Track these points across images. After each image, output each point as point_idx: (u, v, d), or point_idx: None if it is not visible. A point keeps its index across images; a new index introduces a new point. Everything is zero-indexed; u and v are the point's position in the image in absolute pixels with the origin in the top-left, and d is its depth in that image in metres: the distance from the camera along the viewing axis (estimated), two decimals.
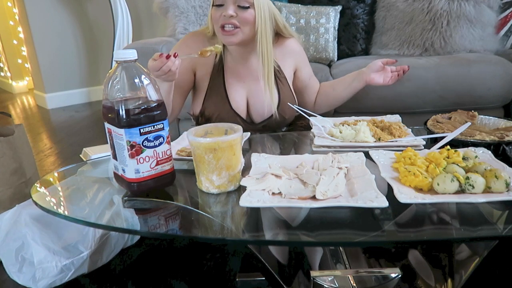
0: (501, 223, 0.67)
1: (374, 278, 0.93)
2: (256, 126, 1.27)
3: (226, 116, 1.22)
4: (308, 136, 1.14)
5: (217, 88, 1.23)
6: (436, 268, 0.97)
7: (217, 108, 1.23)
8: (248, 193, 0.72)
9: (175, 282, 1.09)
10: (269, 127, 1.29)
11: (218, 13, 1.10)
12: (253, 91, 1.25)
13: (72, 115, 3.13)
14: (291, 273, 0.94)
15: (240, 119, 1.24)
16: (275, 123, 1.28)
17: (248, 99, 1.26)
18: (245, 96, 1.26)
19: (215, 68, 1.24)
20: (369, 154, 0.90)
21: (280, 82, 1.28)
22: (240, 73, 1.25)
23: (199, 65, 1.25)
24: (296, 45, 1.33)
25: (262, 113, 1.26)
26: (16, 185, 1.34)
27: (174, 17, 2.04)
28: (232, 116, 1.23)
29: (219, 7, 1.10)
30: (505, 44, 1.99)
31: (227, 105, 1.23)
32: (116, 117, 0.75)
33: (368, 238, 0.64)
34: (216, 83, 1.23)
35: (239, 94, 1.24)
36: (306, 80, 1.38)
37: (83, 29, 3.43)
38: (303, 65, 1.36)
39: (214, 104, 1.23)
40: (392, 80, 1.28)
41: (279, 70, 1.28)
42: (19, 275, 1.09)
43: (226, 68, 1.24)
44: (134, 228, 0.74)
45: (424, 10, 1.90)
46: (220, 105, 1.23)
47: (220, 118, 1.22)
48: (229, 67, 1.25)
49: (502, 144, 0.93)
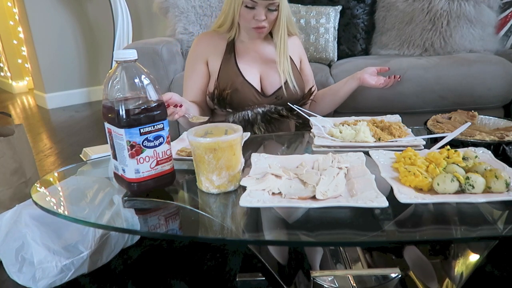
0: (501, 223, 0.67)
1: (374, 278, 0.93)
2: (269, 98, 1.31)
3: (239, 87, 1.27)
4: (308, 136, 1.14)
5: (229, 66, 1.29)
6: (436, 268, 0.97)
7: (230, 79, 1.27)
8: (248, 193, 0.72)
9: (175, 282, 1.09)
10: (282, 100, 1.32)
11: (250, 15, 1.22)
12: (264, 68, 1.33)
13: (72, 115, 3.13)
14: (291, 273, 0.94)
15: (254, 90, 1.29)
16: (287, 95, 1.32)
17: (261, 74, 1.33)
18: (258, 72, 1.33)
19: (227, 52, 1.31)
20: (369, 154, 0.90)
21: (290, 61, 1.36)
22: (251, 56, 1.33)
23: (211, 55, 1.32)
24: (299, 42, 1.45)
25: (274, 84, 1.32)
26: (16, 185, 1.34)
27: (174, 17, 2.04)
28: (246, 87, 1.28)
29: (251, 9, 1.21)
30: (505, 44, 1.99)
31: (240, 77, 1.28)
32: (116, 117, 0.75)
33: (368, 238, 0.64)
34: (228, 62, 1.30)
35: (251, 70, 1.31)
36: (308, 75, 1.47)
37: (83, 29, 3.43)
38: (305, 61, 1.47)
39: (227, 77, 1.28)
40: (383, 84, 1.35)
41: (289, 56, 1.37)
42: (19, 275, 1.09)
43: (237, 52, 1.32)
44: (134, 228, 0.74)
45: (424, 10, 1.90)
46: (234, 77, 1.28)
47: (234, 88, 1.26)
48: (241, 51, 1.32)
49: (502, 144, 0.93)
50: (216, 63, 1.31)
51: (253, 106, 1.29)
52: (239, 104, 1.28)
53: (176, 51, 1.94)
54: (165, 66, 1.82)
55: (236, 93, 1.26)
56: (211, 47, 1.32)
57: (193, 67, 1.33)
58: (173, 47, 1.92)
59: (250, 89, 1.29)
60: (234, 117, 1.29)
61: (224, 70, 1.29)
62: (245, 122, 1.28)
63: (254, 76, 1.31)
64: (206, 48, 1.32)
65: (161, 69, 1.82)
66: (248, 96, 1.28)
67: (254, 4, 1.20)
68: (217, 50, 1.32)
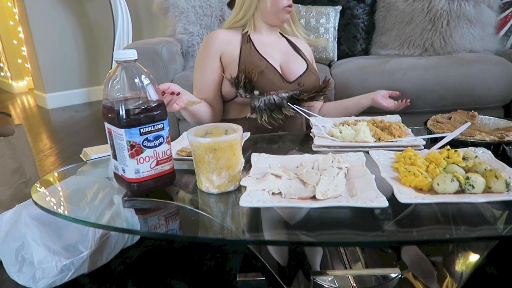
0: (501, 223, 0.67)
1: (374, 278, 0.93)
2: (292, 84, 1.32)
3: (265, 70, 1.27)
4: (308, 136, 1.14)
5: (251, 52, 1.30)
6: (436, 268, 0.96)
7: (254, 63, 1.27)
8: (248, 193, 0.72)
9: (175, 282, 1.09)
10: (305, 87, 1.34)
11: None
12: (283, 58, 1.36)
13: (72, 115, 3.13)
14: (291, 273, 0.94)
15: (279, 75, 1.30)
16: (309, 81, 1.35)
17: (281, 64, 1.35)
18: (278, 60, 1.34)
19: (244, 42, 1.33)
20: (369, 154, 0.90)
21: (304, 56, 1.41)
22: (270, 47, 1.35)
23: (226, 48, 1.32)
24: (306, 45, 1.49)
25: (296, 71, 1.34)
26: (16, 185, 1.34)
27: (174, 17, 2.04)
28: (272, 71, 1.28)
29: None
30: (505, 44, 1.99)
31: (264, 61, 1.29)
32: (116, 117, 0.75)
33: (368, 238, 0.64)
34: (249, 49, 1.31)
35: (272, 57, 1.33)
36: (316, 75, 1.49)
37: (83, 29, 3.44)
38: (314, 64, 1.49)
39: (251, 60, 1.28)
40: (395, 107, 1.37)
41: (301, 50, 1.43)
42: (19, 275, 1.09)
43: (255, 43, 1.33)
44: (134, 228, 0.74)
45: (424, 10, 1.90)
46: (257, 61, 1.28)
47: (259, 71, 1.26)
48: (258, 43, 1.34)
49: (502, 144, 0.93)
50: (234, 52, 1.31)
51: (278, 90, 1.28)
52: (265, 87, 1.26)
53: (176, 51, 1.94)
54: (165, 66, 1.82)
55: (262, 76, 1.26)
56: (226, 41, 1.32)
57: (205, 62, 1.32)
58: (173, 47, 1.92)
59: (275, 73, 1.29)
60: (260, 101, 1.27)
61: (245, 56, 1.29)
62: (272, 106, 1.27)
63: (276, 63, 1.32)
64: (220, 43, 1.31)
65: (161, 69, 1.82)
66: (273, 80, 1.27)
67: None
68: (233, 42, 1.32)
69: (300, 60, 1.38)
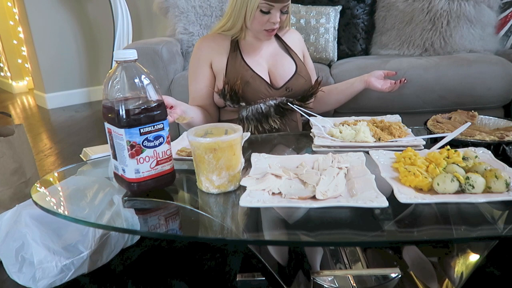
0: (501, 223, 0.67)
1: (374, 278, 0.92)
2: (280, 90, 1.31)
3: (250, 80, 1.26)
4: (308, 136, 1.14)
5: (237, 61, 1.30)
6: (436, 268, 0.96)
7: (239, 73, 1.27)
8: (248, 193, 0.72)
9: (175, 282, 1.09)
10: (293, 91, 1.32)
11: (265, 18, 1.22)
12: (271, 62, 1.34)
13: (72, 115, 3.13)
14: (291, 273, 0.94)
15: (265, 83, 1.29)
16: (298, 84, 1.33)
17: (269, 68, 1.34)
18: (266, 66, 1.33)
19: (232, 50, 1.31)
20: (369, 154, 0.90)
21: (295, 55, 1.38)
22: (258, 53, 1.34)
23: (215, 56, 1.31)
24: (299, 36, 1.46)
25: (284, 76, 1.32)
26: (16, 185, 1.34)
27: (174, 17, 2.04)
28: (257, 80, 1.28)
29: (265, 14, 1.22)
30: (505, 44, 1.99)
31: (249, 71, 1.28)
32: (116, 117, 0.75)
33: (368, 238, 0.64)
34: (235, 58, 1.30)
35: (259, 65, 1.32)
36: (311, 69, 1.47)
37: (83, 29, 3.43)
38: (307, 55, 1.48)
39: (236, 71, 1.28)
40: (389, 88, 1.35)
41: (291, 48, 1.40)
42: (19, 275, 1.09)
43: (243, 50, 1.32)
44: (134, 228, 0.74)
45: (424, 10, 1.90)
46: (243, 71, 1.28)
47: (245, 81, 1.26)
48: (246, 49, 1.33)
49: (502, 144, 0.93)
50: (221, 61, 1.30)
51: (265, 99, 1.28)
52: (251, 97, 1.27)
53: (176, 51, 1.94)
54: (165, 66, 1.82)
55: (247, 86, 1.26)
56: (214, 48, 1.31)
57: (196, 71, 1.33)
58: (173, 47, 1.92)
59: (261, 82, 1.28)
60: (247, 111, 1.27)
61: (231, 66, 1.29)
62: (259, 115, 1.27)
63: (263, 70, 1.31)
64: (209, 50, 1.31)
65: (161, 69, 1.82)
66: (259, 89, 1.27)
67: (270, 8, 1.19)
68: (221, 50, 1.31)
69: (289, 61, 1.35)
